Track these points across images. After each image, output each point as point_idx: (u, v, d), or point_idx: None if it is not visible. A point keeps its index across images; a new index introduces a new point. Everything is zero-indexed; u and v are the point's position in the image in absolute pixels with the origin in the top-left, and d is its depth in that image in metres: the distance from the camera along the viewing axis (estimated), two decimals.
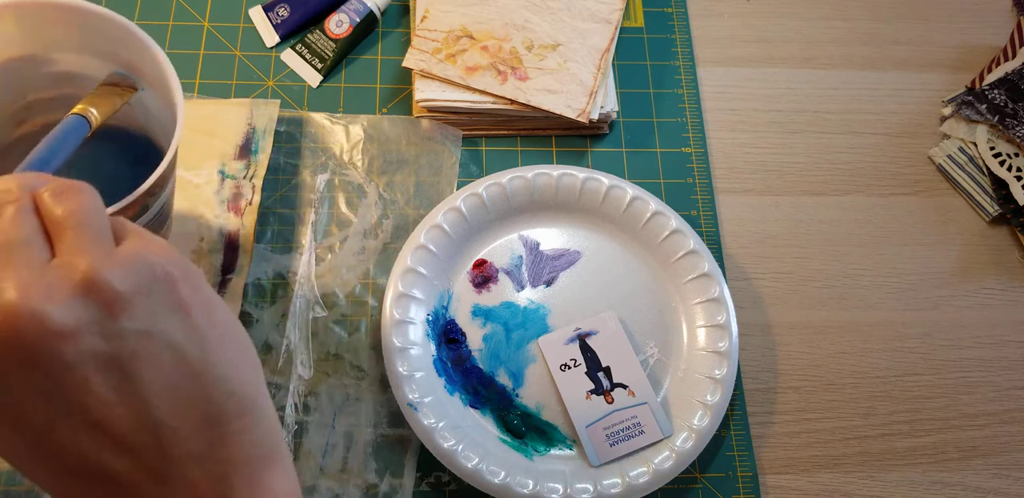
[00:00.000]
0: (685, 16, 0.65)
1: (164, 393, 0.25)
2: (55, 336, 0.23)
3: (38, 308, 0.23)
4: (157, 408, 0.25)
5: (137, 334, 0.25)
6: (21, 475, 0.27)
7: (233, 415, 0.27)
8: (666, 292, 0.54)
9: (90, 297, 0.24)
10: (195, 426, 0.26)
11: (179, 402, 0.25)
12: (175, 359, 0.25)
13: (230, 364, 0.27)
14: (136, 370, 0.25)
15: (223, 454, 0.26)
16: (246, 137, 0.55)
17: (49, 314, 0.23)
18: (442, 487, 0.50)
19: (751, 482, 0.51)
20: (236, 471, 0.26)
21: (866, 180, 0.61)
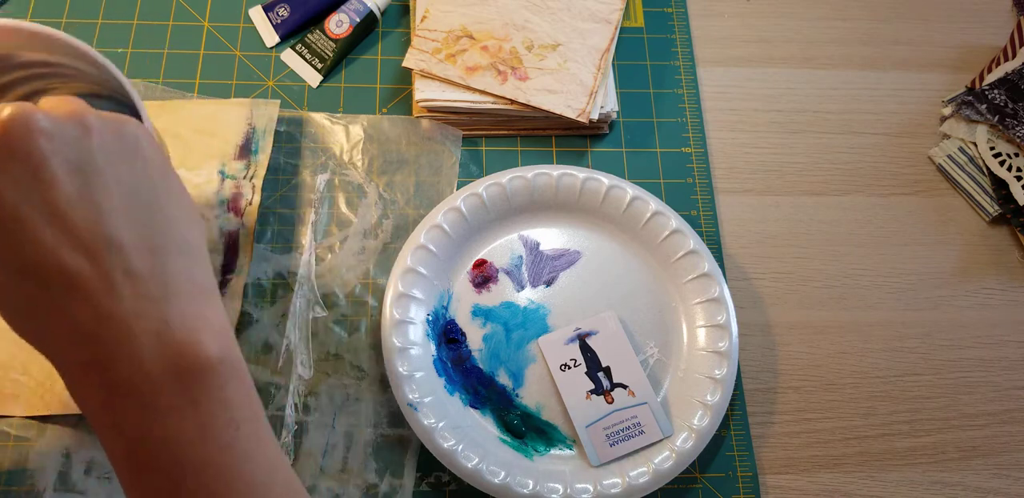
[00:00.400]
0: (685, 16, 0.65)
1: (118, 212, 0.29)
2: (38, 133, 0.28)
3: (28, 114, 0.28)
4: (112, 222, 0.29)
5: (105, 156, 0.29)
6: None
7: (174, 251, 0.31)
8: (666, 292, 0.54)
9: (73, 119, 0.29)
10: (141, 249, 0.29)
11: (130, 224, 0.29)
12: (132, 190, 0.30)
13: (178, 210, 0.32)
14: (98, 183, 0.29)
15: (163, 280, 0.30)
16: (246, 137, 0.55)
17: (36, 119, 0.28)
18: (442, 487, 0.50)
19: (751, 482, 0.51)
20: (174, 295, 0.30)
21: (866, 180, 0.61)
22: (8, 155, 0.28)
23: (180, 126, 0.54)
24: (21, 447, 0.48)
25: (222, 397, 0.30)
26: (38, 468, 0.47)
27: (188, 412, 0.29)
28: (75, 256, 0.28)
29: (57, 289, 0.28)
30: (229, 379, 0.30)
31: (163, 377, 0.29)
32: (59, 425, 0.48)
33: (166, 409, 0.29)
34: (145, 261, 0.29)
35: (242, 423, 0.30)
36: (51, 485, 0.47)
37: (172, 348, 0.29)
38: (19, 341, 0.48)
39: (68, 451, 0.47)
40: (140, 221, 0.30)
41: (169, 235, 0.31)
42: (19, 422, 0.48)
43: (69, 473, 0.47)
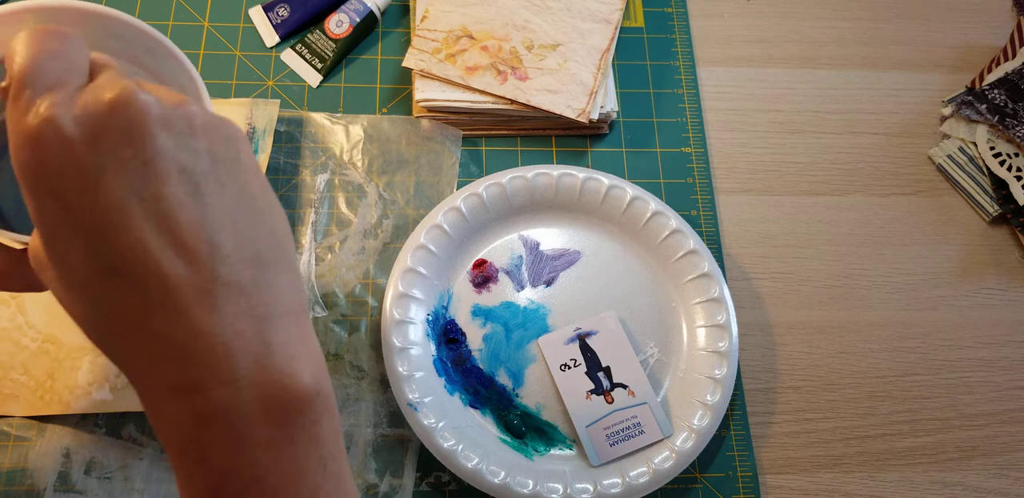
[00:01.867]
0: (685, 16, 0.65)
1: (224, 218, 0.26)
2: (153, 120, 0.25)
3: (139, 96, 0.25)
4: (218, 228, 0.26)
5: (211, 157, 0.26)
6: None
7: (280, 265, 0.28)
8: (666, 292, 0.54)
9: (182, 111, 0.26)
10: (246, 260, 0.26)
11: (235, 232, 0.26)
12: (236, 196, 0.27)
13: (279, 220, 0.29)
14: (206, 185, 0.26)
15: (267, 296, 0.27)
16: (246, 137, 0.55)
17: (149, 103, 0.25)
18: (442, 487, 0.50)
19: (751, 482, 0.51)
20: (276, 315, 0.27)
21: (866, 180, 0.61)
22: (124, 140, 0.25)
23: None
24: (21, 447, 0.48)
25: (316, 433, 0.27)
26: (38, 468, 0.47)
27: (283, 449, 0.26)
28: (176, 261, 0.25)
29: (151, 296, 0.25)
30: (323, 413, 0.28)
31: (260, 408, 0.26)
32: (59, 425, 0.48)
33: (262, 444, 0.26)
34: (249, 273, 0.26)
35: (329, 462, 0.28)
36: (51, 485, 0.47)
37: (272, 376, 0.26)
38: (19, 341, 0.49)
39: (68, 451, 0.47)
40: (244, 230, 0.27)
41: (273, 247, 0.28)
42: (19, 422, 0.48)
43: (69, 473, 0.47)
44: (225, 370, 0.25)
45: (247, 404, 0.25)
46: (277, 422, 0.26)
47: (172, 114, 0.26)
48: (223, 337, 0.25)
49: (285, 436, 0.26)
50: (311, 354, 0.28)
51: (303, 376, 0.27)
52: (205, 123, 0.27)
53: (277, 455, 0.26)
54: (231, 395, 0.25)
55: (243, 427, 0.25)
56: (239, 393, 0.25)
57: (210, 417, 0.25)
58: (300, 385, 0.26)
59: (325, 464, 0.28)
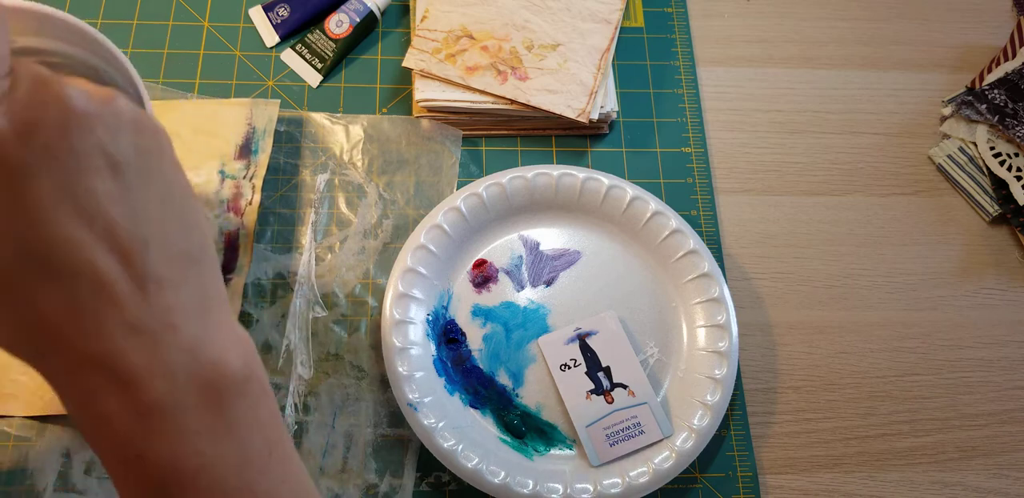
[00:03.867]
0: (685, 16, 0.65)
1: (155, 215, 0.26)
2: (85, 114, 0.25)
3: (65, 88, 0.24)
4: (150, 226, 0.26)
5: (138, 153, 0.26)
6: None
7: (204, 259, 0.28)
8: (666, 292, 0.54)
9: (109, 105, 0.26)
10: (174, 255, 0.27)
11: (164, 228, 0.26)
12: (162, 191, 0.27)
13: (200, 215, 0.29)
14: (135, 181, 0.26)
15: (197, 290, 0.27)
16: (246, 137, 0.55)
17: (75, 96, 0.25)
18: (442, 487, 0.50)
19: (751, 482, 0.51)
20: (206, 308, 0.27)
21: (866, 180, 0.61)
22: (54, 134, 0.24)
23: (180, 126, 0.54)
24: (21, 447, 0.48)
25: (256, 417, 0.28)
26: (38, 468, 0.47)
27: (226, 435, 0.26)
28: (109, 257, 0.25)
29: (83, 294, 0.24)
30: (259, 397, 0.28)
31: (198, 397, 0.26)
32: (59, 425, 0.48)
33: (203, 432, 0.26)
34: (179, 269, 0.27)
35: (274, 446, 0.28)
36: (51, 485, 0.47)
37: (207, 365, 0.26)
38: None
39: (68, 451, 0.47)
40: (171, 225, 0.27)
41: (198, 241, 0.28)
42: (19, 422, 0.48)
43: (69, 473, 0.47)
44: (160, 363, 0.25)
45: (183, 393, 0.25)
46: (215, 408, 0.26)
47: (101, 109, 0.25)
48: (156, 332, 0.25)
49: (224, 422, 0.26)
50: (240, 341, 0.28)
51: (234, 363, 0.27)
52: (132, 119, 0.26)
53: (220, 442, 0.26)
54: (167, 386, 0.25)
55: (181, 416, 0.25)
56: (175, 384, 0.25)
57: (148, 409, 0.25)
58: (232, 370, 0.27)
59: (271, 447, 0.28)
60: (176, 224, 0.27)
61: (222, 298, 0.29)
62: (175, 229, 0.27)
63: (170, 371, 0.25)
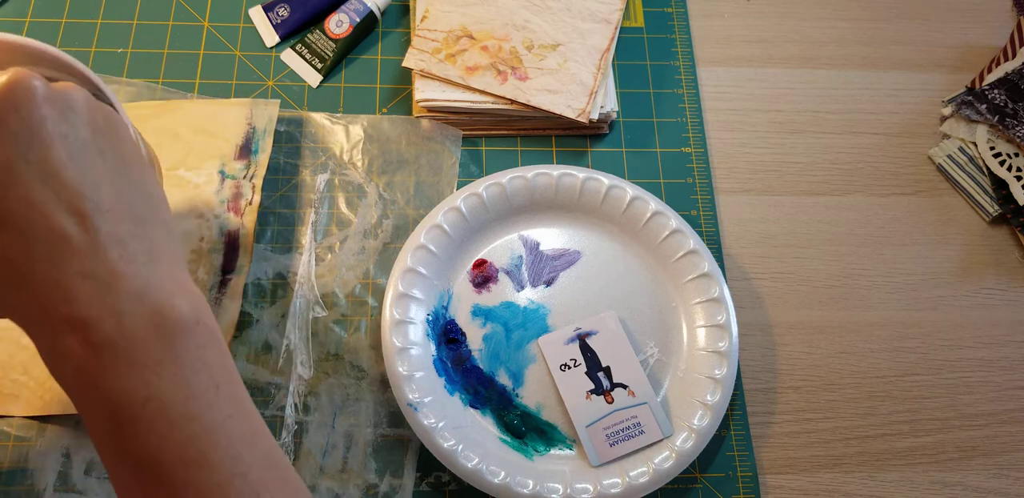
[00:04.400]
0: (685, 16, 0.65)
1: (105, 180, 0.31)
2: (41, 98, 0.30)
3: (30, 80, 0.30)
4: (100, 187, 0.30)
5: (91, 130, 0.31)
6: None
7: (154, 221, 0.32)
8: (666, 292, 0.54)
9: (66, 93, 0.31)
10: (125, 216, 0.31)
11: (115, 193, 0.31)
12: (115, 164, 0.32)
13: (154, 187, 0.34)
14: (87, 152, 0.31)
15: (144, 245, 0.31)
16: (246, 137, 0.55)
17: (37, 86, 0.30)
18: (442, 487, 0.50)
19: (751, 482, 0.51)
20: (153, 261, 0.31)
21: (866, 180, 0.61)
22: (12, 111, 0.29)
23: (180, 126, 0.54)
24: (21, 447, 0.48)
25: (202, 357, 0.31)
26: (38, 468, 0.47)
27: (172, 369, 0.30)
28: (64, 215, 0.29)
29: (41, 246, 0.29)
30: (207, 341, 0.31)
31: (146, 335, 0.29)
32: (59, 425, 0.48)
33: (151, 366, 0.29)
34: (128, 227, 0.31)
35: (221, 384, 0.31)
36: (51, 485, 0.47)
37: (154, 307, 0.30)
38: (19, 341, 0.48)
39: (68, 451, 0.47)
40: (122, 190, 0.31)
41: (149, 206, 0.32)
42: (19, 422, 0.48)
43: (69, 473, 0.47)
44: (109, 305, 0.29)
45: (133, 331, 0.29)
46: (162, 344, 0.30)
47: (56, 94, 0.30)
48: (106, 279, 0.29)
49: (172, 358, 0.30)
50: (189, 292, 0.32)
51: (182, 307, 0.31)
52: (86, 104, 0.31)
53: (167, 375, 0.30)
54: (117, 325, 0.29)
55: (131, 351, 0.29)
56: (124, 322, 0.29)
57: (100, 345, 0.29)
58: (179, 313, 0.30)
59: (218, 384, 0.31)
60: (127, 190, 0.32)
61: (173, 255, 0.33)
62: (127, 193, 0.31)
63: (118, 311, 0.29)
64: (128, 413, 0.29)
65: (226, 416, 0.31)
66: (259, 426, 0.33)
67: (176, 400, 0.30)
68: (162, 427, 0.29)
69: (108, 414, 0.29)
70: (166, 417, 0.29)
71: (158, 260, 0.31)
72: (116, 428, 0.29)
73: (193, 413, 0.30)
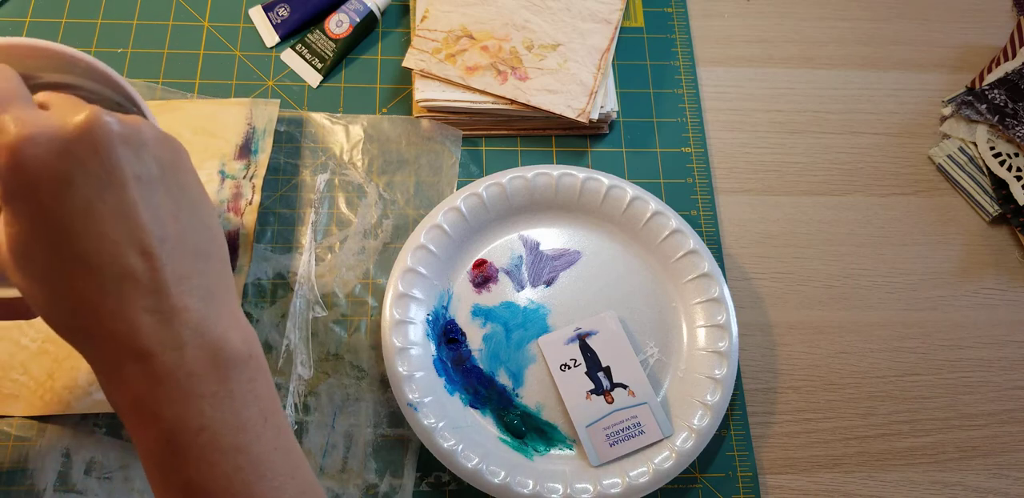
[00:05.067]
0: (685, 16, 0.65)
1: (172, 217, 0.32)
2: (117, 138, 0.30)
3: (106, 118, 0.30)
4: (167, 225, 0.31)
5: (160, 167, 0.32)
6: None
7: (214, 256, 0.33)
8: (666, 292, 0.54)
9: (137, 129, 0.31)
10: (188, 252, 0.32)
11: (181, 229, 0.32)
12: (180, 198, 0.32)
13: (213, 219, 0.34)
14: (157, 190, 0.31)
15: (204, 281, 0.32)
16: (246, 137, 0.55)
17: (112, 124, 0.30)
18: (442, 487, 0.50)
19: (751, 482, 0.51)
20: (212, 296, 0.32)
21: (866, 180, 0.61)
22: (91, 154, 0.30)
23: (180, 126, 0.54)
24: (21, 447, 0.48)
25: (253, 389, 0.32)
26: (38, 468, 0.47)
27: (225, 401, 0.31)
28: (133, 253, 0.30)
29: (111, 282, 0.30)
30: (257, 373, 0.33)
31: (203, 368, 0.31)
32: (59, 425, 0.48)
33: (206, 396, 0.31)
34: (190, 263, 0.32)
35: (268, 416, 0.33)
36: (51, 485, 0.47)
37: (211, 341, 0.31)
38: (19, 341, 0.48)
39: (68, 451, 0.47)
40: (188, 227, 0.32)
41: (208, 241, 0.33)
42: (19, 422, 0.48)
43: (69, 473, 0.47)
44: (172, 338, 0.30)
45: (191, 365, 0.30)
46: (217, 377, 0.31)
47: (129, 132, 0.31)
48: (168, 314, 0.30)
49: (226, 390, 0.31)
50: (242, 326, 0.33)
51: (236, 341, 0.32)
52: (154, 138, 0.32)
53: (221, 406, 0.31)
54: (177, 358, 0.30)
55: (189, 383, 0.30)
56: (184, 356, 0.30)
57: (161, 377, 0.30)
58: (234, 347, 0.32)
59: (265, 417, 0.32)
60: (190, 224, 0.32)
61: (229, 288, 0.34)
62: (190, 229, 0.32)
63: (180, 345, 0.30)
64: (182, 441, 0.30)
65: (272, 449, 0.32)
66: (300, 459, 0.34)
67: (227, 431, 0.31)
68: (213, 456, 0.31)
69: (163, 441, 0.31)
70: (217, 447, 0.31)
71: (215, 295, 0.32)
72: (169, 455, 0.31)
73: (242, 444, 0.31)
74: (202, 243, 0.33)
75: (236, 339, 0.32)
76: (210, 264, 0.33)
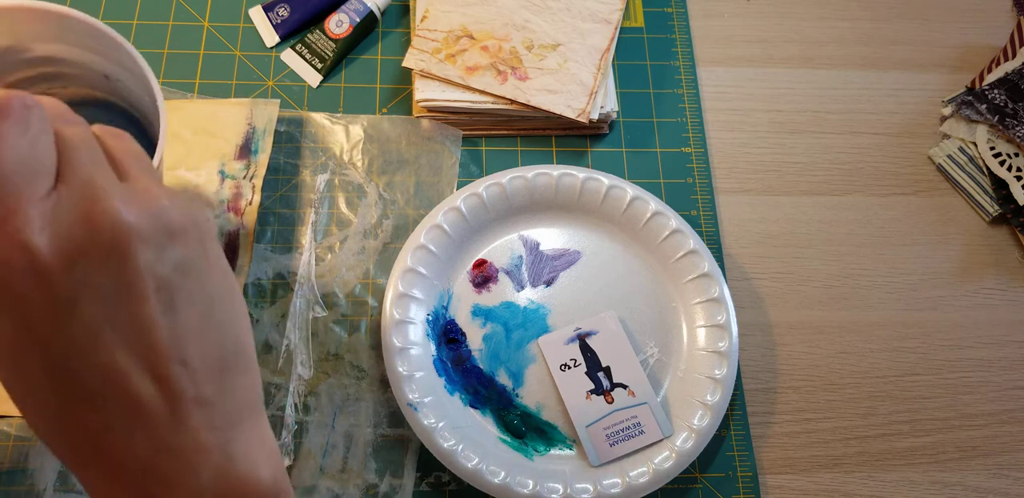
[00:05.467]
0: (685, 16, 0.65)
1: (194, 332, 0.25)
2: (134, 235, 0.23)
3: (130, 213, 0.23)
4: (188, 344, 0.25)
5: (186, 267, 0.25)
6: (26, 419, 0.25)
7: (240, 369, 0.27)
8: (666, 292, 0.54)
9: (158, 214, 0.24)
10: (211, 371, 0.26)
11: (204, 344, 0.26)
12: (207, 304, 0.26)
13: (241, 321, 0.28)
14: (180, 302, 0.25)
15: (229, 406, 0.26)
16: (246, 137, 0.55)
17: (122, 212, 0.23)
18: (442, 487, 0.50)
19: (751, 482, 0.51)
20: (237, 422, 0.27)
21: (866, 180, 0.61)
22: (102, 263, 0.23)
23: (180, 126, 0.54)
24: (21, 447, 0.48)
25: None
26: (38, 468, 0.47)
27: None
28: (145, 381, 0.24)
29: (116, 416, 0.24)
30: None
31: None
32: None
33: None
34: (213, 385, 0.26)
35: None
36: (51, 485, 0.47)
37: (233, 484, 0.26)
38: None
39: None
40: (211, 339, 0.26)
41: (236, 351, 0.27)
42: (19, 422, 0.48)
43: (69, 473, 0.47)
44: (188, 484, 0.25)
45: None
46: None
47: (151, 225, 0.24)
48: (186, 453, 0.25)
49: None
50: (270, 455, 0.28)
51: (264, 480, 0.27)
52: (181, 226, 0.25)
53: None
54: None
55: None
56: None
57: None
58: (262, 488, 0.27)
59: None
60: (214, 336, 0.26)
61: (256, 405, 0.28)
62: (216, 342, 0.26)
63: (198, 489, 0.25)
64: None
65: None
66: None
67: None
68: None
69: None
70: None
71: (243, 419, 0.27)
72: None
73: None
74: (229, 357, 0.27)
75: (264, 476, 0.27)
76: (240, 379, 0.27)
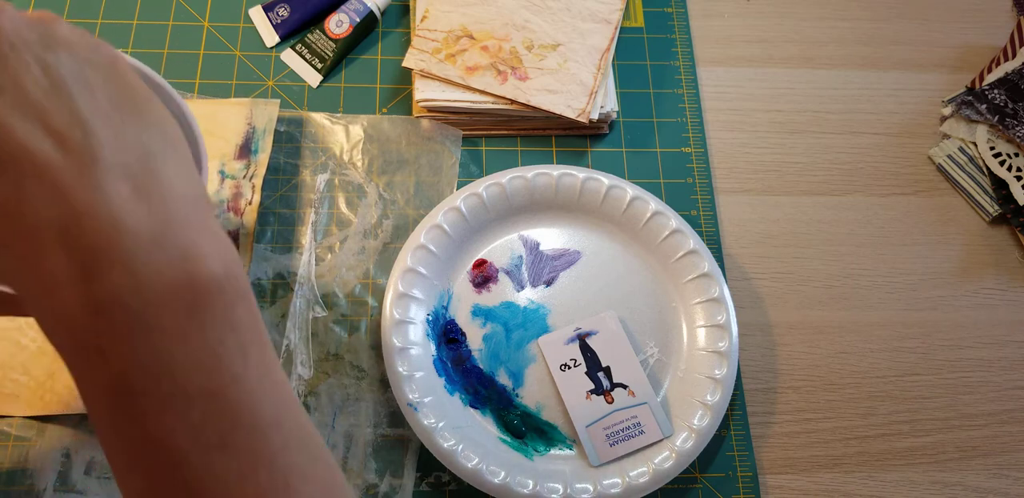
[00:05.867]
0: (685, 16, 0.65)
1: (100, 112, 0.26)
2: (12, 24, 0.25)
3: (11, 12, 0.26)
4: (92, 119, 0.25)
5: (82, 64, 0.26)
6: None
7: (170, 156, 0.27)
8: (666, 292, 0.54)
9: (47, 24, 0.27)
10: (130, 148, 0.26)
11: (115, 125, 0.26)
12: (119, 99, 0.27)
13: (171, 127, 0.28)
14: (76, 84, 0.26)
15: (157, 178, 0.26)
16: (246, 137, 0.55)
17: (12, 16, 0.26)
18: (442, 487, 0.50)
19: (751, 482, 0.51)
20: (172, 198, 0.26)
21: (866, 180, 0.61)
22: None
23: None
24: (21, 447, 0.48)
25: (229, 319, 0.25)
26: (38, 468, 0.47)
27: (196, 337, 0.24)
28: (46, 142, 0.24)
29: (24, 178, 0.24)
30: (236, 298, 0.26)
31: (165, 292, 0.24)
32: (59, 425, 0.48)
33: (168, 331, 0.24)
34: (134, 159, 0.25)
35: (250, 350, 0.26)
36: (51, 485, 0.47)
37: (173, 257, 0.24)
38: (19, 341, 0.48)
39: (68, 451, 0.47)
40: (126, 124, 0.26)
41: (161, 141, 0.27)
42: (19, 422, 0.48)
43: (69, 473, 0.47)
44: (117, 250, 0.23)
45: (148, 288, 0.24)
46: (187, 308, 0.24)
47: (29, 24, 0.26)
48: (110, 216, 0.24)
49: (196, 322, 0.24)
50: (216, 237, 0.26)
51: (209, 257, 0.25)
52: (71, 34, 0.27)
53: (188, 344, 0.24)
54: (127, 279, 0.23)
55: (146, 314, 0.24)
56: (137, 276, 0.23)
57: (106, 304, 0.23)
58: (206, 267, 0.25)
59: (246, 353, 0.26)
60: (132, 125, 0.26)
61: (196, 198, 0.27)
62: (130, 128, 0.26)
63: (129, 258, 0.24)
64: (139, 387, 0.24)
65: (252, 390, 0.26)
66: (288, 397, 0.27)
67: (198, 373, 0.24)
68: (180, 405, 0.24)
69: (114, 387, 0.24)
70: (185, 393, 0.24)
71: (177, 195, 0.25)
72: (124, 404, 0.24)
73: (215, 388, 0.25)
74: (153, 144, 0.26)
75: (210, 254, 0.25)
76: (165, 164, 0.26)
